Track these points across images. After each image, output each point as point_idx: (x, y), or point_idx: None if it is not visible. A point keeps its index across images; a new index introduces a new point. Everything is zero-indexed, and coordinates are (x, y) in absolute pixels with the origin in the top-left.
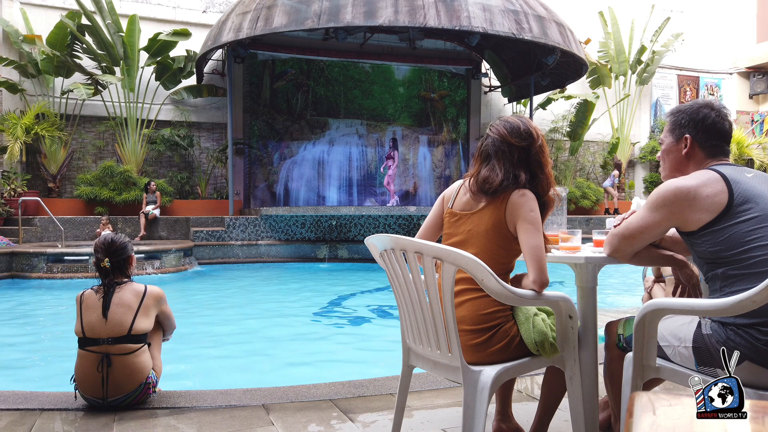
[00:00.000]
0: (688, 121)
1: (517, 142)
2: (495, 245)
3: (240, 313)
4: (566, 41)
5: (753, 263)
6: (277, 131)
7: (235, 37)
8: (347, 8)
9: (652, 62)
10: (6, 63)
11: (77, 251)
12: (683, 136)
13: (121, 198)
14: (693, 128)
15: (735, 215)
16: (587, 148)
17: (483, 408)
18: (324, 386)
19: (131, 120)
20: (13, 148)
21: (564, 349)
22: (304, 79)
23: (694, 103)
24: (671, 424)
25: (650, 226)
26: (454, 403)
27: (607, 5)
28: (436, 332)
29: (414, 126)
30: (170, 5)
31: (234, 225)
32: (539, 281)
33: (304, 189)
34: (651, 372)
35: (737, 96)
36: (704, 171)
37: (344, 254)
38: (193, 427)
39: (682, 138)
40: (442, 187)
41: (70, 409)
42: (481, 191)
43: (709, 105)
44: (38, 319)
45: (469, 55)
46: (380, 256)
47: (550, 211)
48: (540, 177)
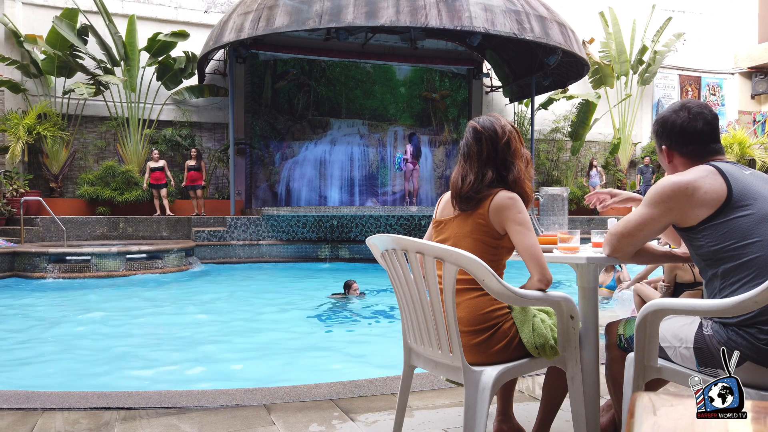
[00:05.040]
0: (662, 132)
1: (484, 140)
2: (482, 244)
3: (241, 312)
4: (568, 41)
5: (751, 260)
6: (279, 131)
7: (237, 37)
8: (348, 8)
9: (653, 62)
10: (8, 63)
11: (79, 251)
12: (662, 147)
13: (123, 198)
14: (666, 138)
15: (734, 210)
16: (588, 148)
17: (484, 408)
18: (325, 386)
19: (133, 120)
20: (15, 148)
21: (565, 350)
22: (306, 79)
23: (668, 108)
24: (672, 424)
25: (649, 223)
26: (455, 403)
27: (607, 5)
28: (437, 332)
29: (415, 126)
30: (172, 5)
31: (235, 225)
32: (544, 279)
33: (305, 189)
34: (652, 372)
35: (739, 96)
36: (702, 166)
37: (345, 254)
38: (194, 426)
39: (662, 149)
40: (442, 188)
41: (71, 409)
42: (457, 195)
43: (683, 107)
44: (39, 319)
45: (470, 55)
46: (381, 256)
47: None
48: (507, 173)
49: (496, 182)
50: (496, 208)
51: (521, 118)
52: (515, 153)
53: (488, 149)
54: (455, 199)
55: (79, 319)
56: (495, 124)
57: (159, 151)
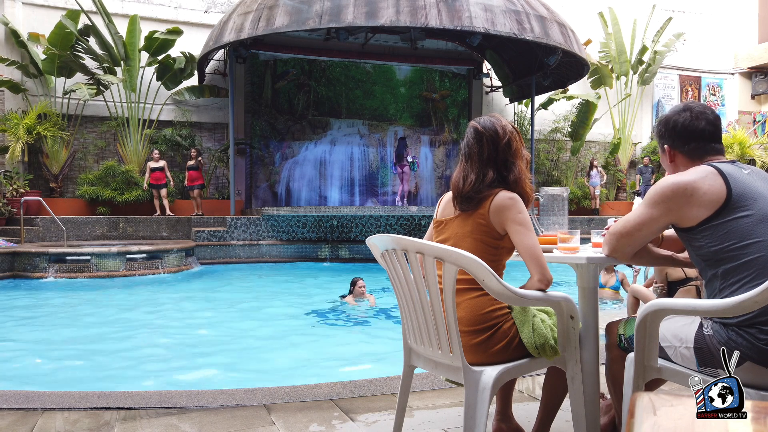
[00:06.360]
0: (664, 131)
1: (485, 140)
2: (482, 244)
3: (241, 312)
4: (568, 41)
5: (751, 261)
6: (279, 131)
7: (237, 37)
8: (348, 8)
9: (653, 62)
10: (8, 63)
11: (79, 251)
12: (664, 147)
13: (123, 198)
14: (669, 137)
15: (733, 211)
16: (588, 148)
17: (484, 408)
18: (325, 386)
19: (133, 120)
20: (15, 148)
21: (565, 350)
22: (306, 79)
23: (671, 110)
24: (672, 424)
25: (648, 223)
26: (455, 403)
27: (607, 6)
28: (437, 332)
29: (415, 126)
30: (172, 5)
31: (235, 225)
32: (544, 279)
33: (305, 189)
34: (652, 372)
35: (739, 96)
36: (701, 167)
37: (345, 254)
38: (194, 426)
39: (665, 149)
40: (443, 188)
41: (71, 409)
42: (458, 195)
43: (685, 108)
44: (39, 319)
45: (470, 55)
46: (381, 256)
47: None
48: (508, 173)
49: (497, 182)
50: (497, 208)
51: (521, 118)
52: (516, 153)
53: (489, 149)
54: (456, 199)
55: (79, 319)
56: (496, 125)
57: (159, 151)
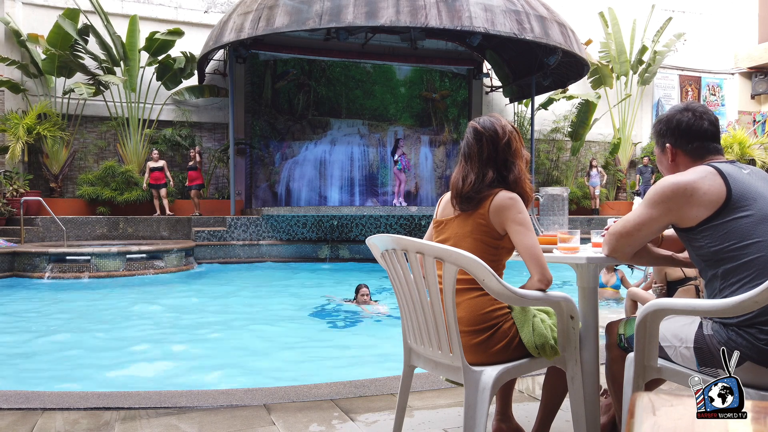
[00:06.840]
0: (666, 130)
1: (485, 140)
2: (482, 244)
3: (241, 312)
4: (568, 41)
5: (751, 261)
6: (279, 131)
7: (237, 37)
8: (348, 8)
9: (653, 62)
10: (8, 63)
11: (79, 251)
12: (665, 146)
13: (123, 198)
14: (671, 136)
15: (733, 211)
16: (588, 148)
17: (484, 408)
18: (325, 386)
19: (133, 120)
20: (15, 148)
21: (565, 350)
22: (306, 79)
23: (672, 109)
24: (672, 424)
25: (648, 223)
26: (455, 403)
27: (607, 6)
28: (437, 332)
29: (415, 126)
30: (172, 5)
31: (235, 225)
32: (544, 279)
33: (305, 189)
34: (652, 372)
35: (739, 96)
36: (701, 167)
37: (345, 254)
38: (194, 426)
39: (666, 148)
40: (443, 188)
41: (71, 409)
42: (458, 195)
43: (687, 108)
44: (39, 319)
45: (470, 55)
46: (381, 256)
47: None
48: (508, 173)
49: (497, 182)
50: (497, 208)
51: (521, 118)
52: (516, 153)
53: (489, 149)
54: (456, 199)
55: (79, 319)
56: (495, 125)
57: (159, 151)
